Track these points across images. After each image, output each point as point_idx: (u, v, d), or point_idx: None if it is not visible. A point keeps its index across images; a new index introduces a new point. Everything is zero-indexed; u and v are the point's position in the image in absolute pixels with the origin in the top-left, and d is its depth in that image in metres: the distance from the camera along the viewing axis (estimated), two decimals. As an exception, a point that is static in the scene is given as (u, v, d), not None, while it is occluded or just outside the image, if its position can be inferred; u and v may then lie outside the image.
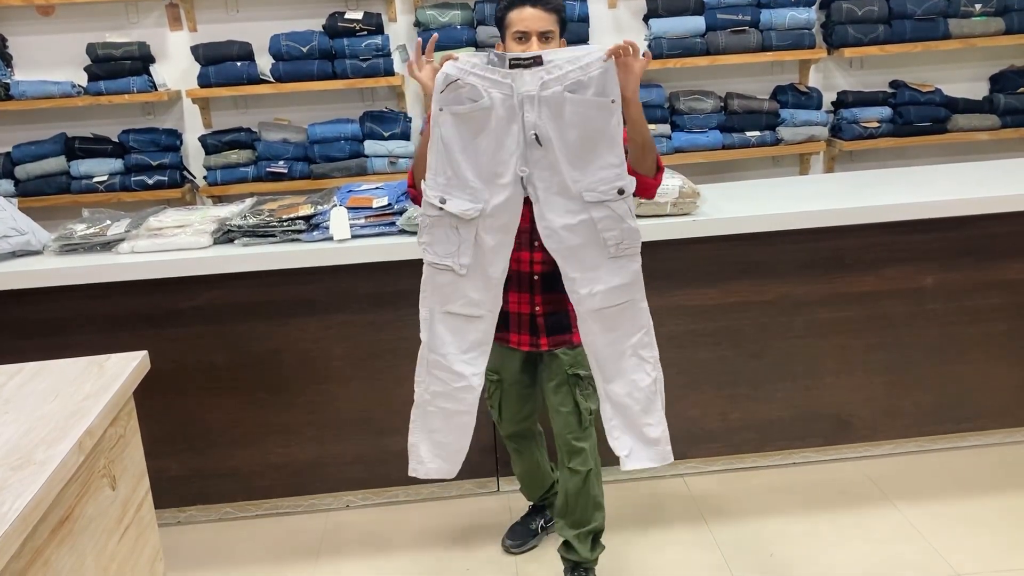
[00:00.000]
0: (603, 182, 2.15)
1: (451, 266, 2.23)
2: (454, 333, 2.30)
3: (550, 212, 2.18)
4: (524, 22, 2.25)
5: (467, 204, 2.17)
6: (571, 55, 2.11)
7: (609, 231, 2.17)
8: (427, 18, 4.38)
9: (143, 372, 1.94)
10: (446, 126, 2.15)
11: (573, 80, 2.09)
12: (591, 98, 2.10)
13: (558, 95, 2.10)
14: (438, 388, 2.31)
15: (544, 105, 2.10)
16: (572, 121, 2.11)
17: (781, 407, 3.20)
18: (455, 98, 2.13)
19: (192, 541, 3.03)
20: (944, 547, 2.74)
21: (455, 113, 2.13)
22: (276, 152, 4.47)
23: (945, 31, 4.54)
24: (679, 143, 4.56)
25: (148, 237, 2.86)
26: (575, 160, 2.14)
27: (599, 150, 2.14)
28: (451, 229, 2.20)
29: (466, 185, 2.16)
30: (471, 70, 2.11)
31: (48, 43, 4.46)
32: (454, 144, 2.15)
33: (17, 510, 1.33)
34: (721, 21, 4.46)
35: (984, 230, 3.08)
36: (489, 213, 2.18)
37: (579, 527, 2.55)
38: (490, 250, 2.21)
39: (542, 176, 2.16)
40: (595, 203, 2.16)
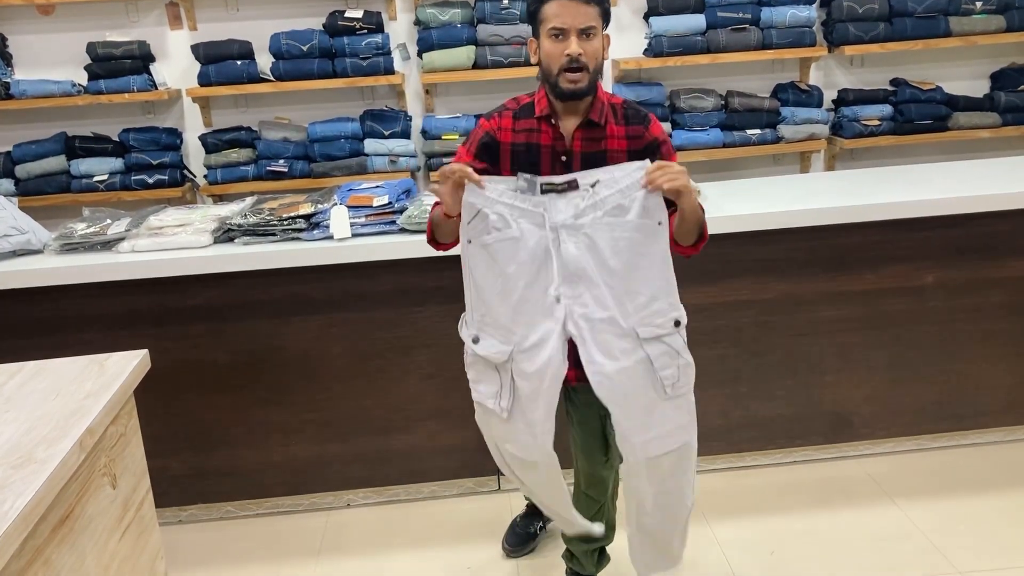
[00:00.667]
0: (658, 315, 1.94)
1: (493, 409, 2.03)
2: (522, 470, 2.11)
3: (599, 354, 1.95)
4: (561, 17, 1.98)
5: (497, 347, 1.98)
6: (609, 175, 1.91)
7: (666, 369, 1.97)
8: (427, 16, 4.38)
9: (143, 371, 1.94)
10: (474, 260, 1.96)
11: (614, 205, 1.89)
12: (636, 221, 1.90)
13: (598, 221, 1.89)
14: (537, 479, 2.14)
15: (583, 235, 1.90)
16: (616, 249, 1.90)
17: (782, 405, 3.20)
18: (482, 228, 1.93)
19: (193, 540, 3.03)
20: (945, 545, 2.74)
21: (484, 245, 1.93)
22: (276, 151, 4.47)
23: (946, 29, 4.54)
24: (680, 141, 4.55)
25: (148, 236, 2.87)
26: (623, 292, 1.92)
27: (649, 279, 1.93)
28: (491, 369, 2.02)
29: (498, 324, 1.97)
30: (498, 199, 1.91)
31: (48, 42, 4.47)
32: (484, 280, 1.96)
33: (18, 509, 1.33)
34: (722, 19, 4.46)
35: (985, 228, 3.07)
36: (522, 356, 1.97)
37: (589, 542, 2.49)
38: (526, 397, 1.99)
39: (586, 313, 1.94)
40: (650, 339, 1.95)
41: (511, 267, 1.93)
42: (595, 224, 1.90)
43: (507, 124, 2.11)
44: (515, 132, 2.10)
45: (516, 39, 4.38)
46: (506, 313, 1.96)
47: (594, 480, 2.39)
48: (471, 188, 1.91)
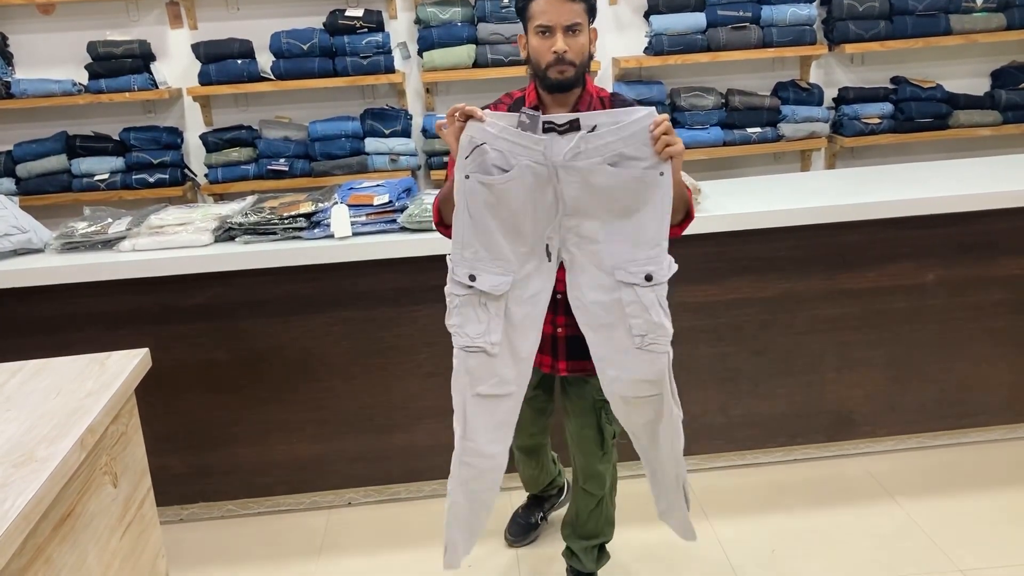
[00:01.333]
0: (633, 263, 1.98)
1: (483, 347, 2.05)
2: (484, 414, 2.13)
3: (581, 278, 2.03)
4: (547, 14, 2.01)
5: (497, 278, 2.02)
6: (612, 119, 1.91)
7: (635, 318, 2.01)
8: (427, 15, 4.38)
9: (144, 370, 1.94)
10: (472, 196, 1.97)
11: (615, 152, 1.91)
12: (639, 170, 1.92)
13: (597, 165, 1.92)
14: (469, 473, 2.17)
15: (579, 173, 1.93)
16: (610, 192, 1.94)
17: (782, 403, 3.20)
18: (482, 165, 1.94)
19: (194, 538, 3.03)
20: (946, 543, 2.74)
21: (482, 183, 1.95)
22: (277, 150, 4.47)
23: (946, 27, 4.54)
24: (680, 140, 4.55)
25: (149, 235, 2.87)
26: (612, 233, 1.98)
27: (639, 227, 1.97)
28: (480, 307, 2.04)
29: (496, 257, 2.01)
30: (499, 134, 1.93)
31: (49, 41, 4.47)
32: (482, 216, 1.98)
33: (19, 507, 1.33)
34: (722, 17, 4.46)
35: (986, 226, 3.07)
36: (519, 283, 2.03)
37: (587, 540, 2.53)
38: (519, 323, 2.06)
39: (579, 242, 2.00)
40: (624, 284, 2.00)
41: (513, 204, 1.96)
42: (594, 168, 1.92)
43: None
44: None
45: (516, 38, 4.38)
46: (505, 245, 2.00)
47: (591, 474, 2.43)
48: (473, 123, 1.93)
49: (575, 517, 2.53)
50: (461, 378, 2.10)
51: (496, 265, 2.01)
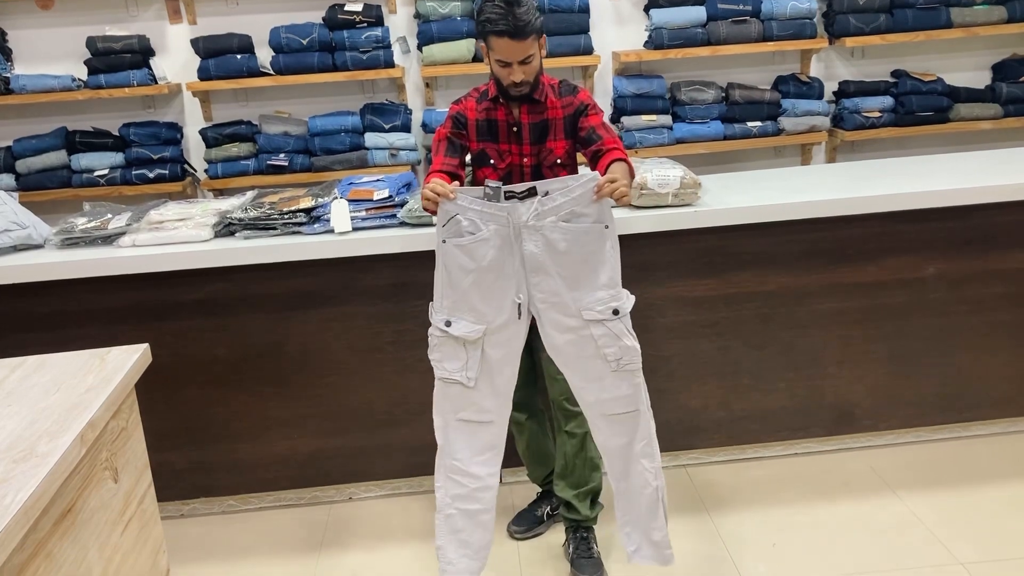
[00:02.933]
0: (599, 302, 2.28)
1: (460, 380, 2.34)
2: (468, 438, 2.40)
3: (552, 329, 2.32)
4: (504, 53, 2.34)
5: (470, 327, 2.30)
6: (564, 185, 2.22)
7: (608, 347, 2.30)
8: (427, 10, 4.37)
9: (144, 365, 1.94)
10: (449, 256, 2.28)
11: (567, 211, 2.22)
12: (587, 225, 2.24)
13: (554, 225, 2.23)
14: (457, 491, 2.42)
15: (541, 235, 2.24)
16: (568, 248, 2.25)
17: (783, 397, 3.20)
18: (456, 231, 2.26)
19: (195, 534, 3.03)
20: (947, 536, 2.75)
21: (457, 245, 2.26)
22: (277, 145, 4.46)
23: (947, 20, 4.53)
24: (680, 134, 4.55)
25: (149, 230, 2.86)
26: (572, 283, 2.28)
27: (595, 273, 2.28)
28: (458, 347, 2.33)
29: (470, 309, 2.30)
30: (469, 205, 2.23)
31: (48, 37, 4.46)
32: (457, 273, 2.28)
33: (20, 502, 1.33)
34: (722, 11, 4.44)
35: (986, 219, 3.07)
36: (493, 331, 2.31)
37: (578, 487, 2.69)
38: (496, 362, 2.34)
39: (543, 298, 2.30)
40: (593, 322, 2.29)
41: (483, 262, 2.26)
42: (552, 226, 2.23)
43: (471, 106, 2.52)
44: (478, 112, 2.50)
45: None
46: (478, 299, 2.29)
47: (570, 414, 2.61)
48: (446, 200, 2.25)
49: (564, 466, 2.69)
50: (443, 402, 2.39)
51: (470, 315, 2.31)
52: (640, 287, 2.46)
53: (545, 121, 2.47)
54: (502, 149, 2.49)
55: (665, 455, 3.19)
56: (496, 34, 2.32)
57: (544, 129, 2.47)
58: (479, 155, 2.51)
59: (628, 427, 2.38)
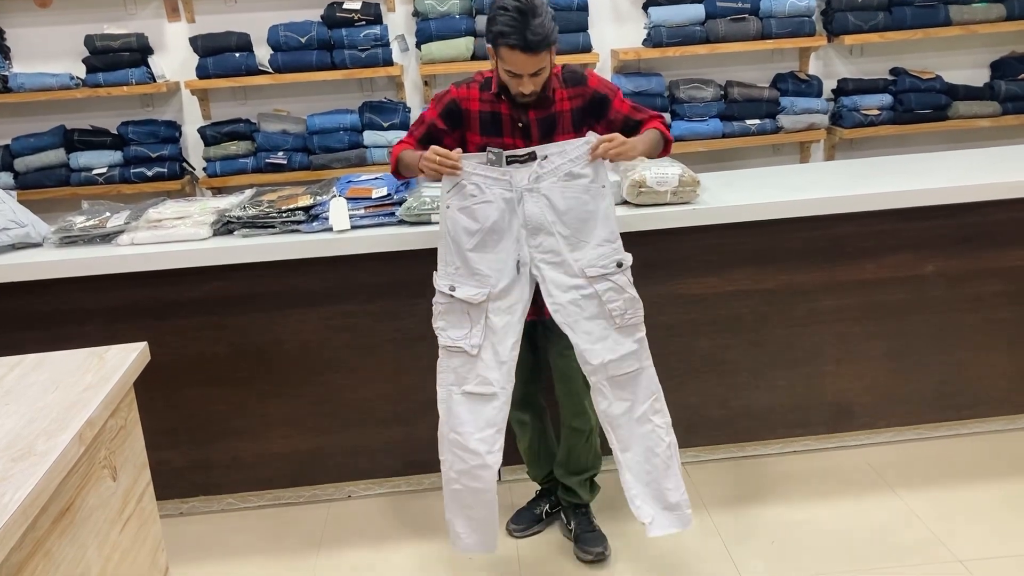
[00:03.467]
0: (602, 257, 2.36)
1: (464, 347, 2.39)
2: (471, 412, 2.42)
3: (555, 288, 2.37)
4: (516, 65, 2.29)
5: (474, 290, 2.36)
6: (561, 149, 2.33)
7: (613, 302, 2.37)
8: (425, 7, 4.36)
9: (143, 363, 1.94)
10: (452, 221, 2.36)
11: (565, 172, 2.32)
12: (584, 184, 2.33)
13: (553, 185, 2.32)
14: (460, 466, 2.44)
15: (541, 195, 2.32)
16: (568, 207, 2.33)
17: (782, 395, 3.20)
18: (460, 196, 2.34)
19: (194, 532, 3.03)
20: (945, 533, 2.75)
21: (461, 208, 2.34)
22: (275, 143, 4.46)
23: (945, 18, 4.53)
24: (679, 132, 4.54)
25: (148, 229, 2.86)
26: (574, 242, 2.35)
27: (595, 230, 2.35)
28: (463, 313, 2.38)
29: (473, 273, 2.36)
30: (473, 171, 2.32)
31: (46, 35, 4.46)
32: (461, 237, 2.35)
33: (18, 501, 1.33)
34: (721, 9, 4.44)
35: (985, 217, 3.07)
36: (497, 296, 2.37)
37: (580, 475, 2.74)
38: (500, 330, 2.38)
39: (545, 258, 2.36)
40: (597, 277, 2.36)
41: (487, 223, 2.33)
42: (551, 187, 2.32)
43: (475, 95, 2.45)
44: (481, 102, 2.44)
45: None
46: (482, 262, 2.36)
47: (578, 411, 2.63)
48: None
49: (567, 456, 2.72)
50: (447, 375, 2.44)
51: (474, 279, 2.37)
52: (639, 285, 2.45)
53: (552, 116, 2.43)
54: (507, 143, 2.44)
55: (664, 453, 3.20)
56: (508, 47, 2.25)
57: (552, 124, 2.44)
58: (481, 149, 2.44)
59: (630, 390, 2.42)
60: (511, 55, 2.26)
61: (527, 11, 2.21)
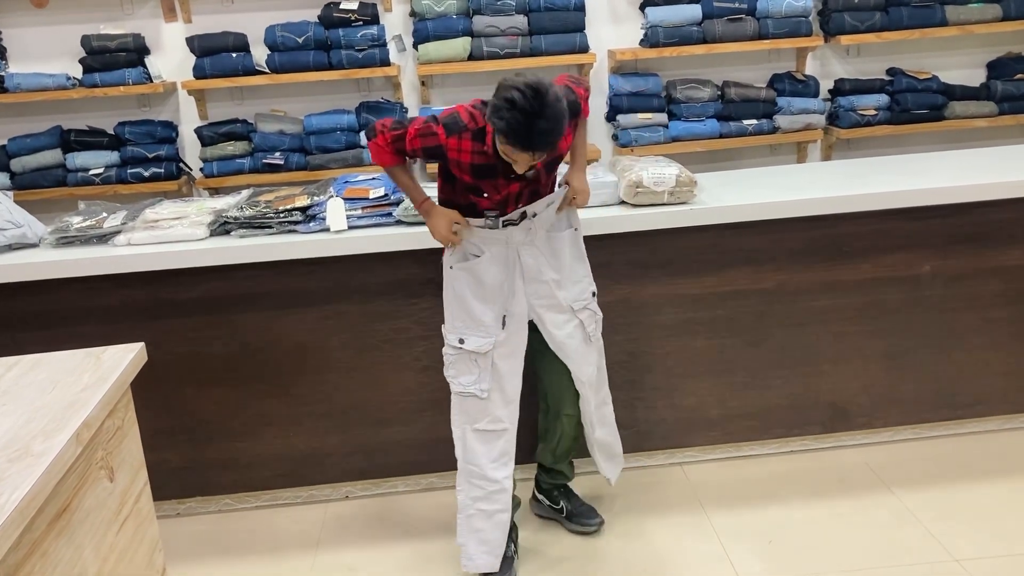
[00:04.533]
0: (582, 292, 2.64)
1: (474, 392, 2.56)
2: (484, 445, 2.60)
3: (553, 327, 2.60)
4: (518, 160, 2.26)
5: (481, 340, 2.53)
6: (548, 203, 2.51)
7: (590, 325, 2.66)
8: (422, 8, 4.36)
9: (140, 364, 1.93)
10: (457, 281, 2.54)
11: (550, 223, 2.54)
12: (564, 233, 2.58)
13: (543, 238, 2.54)
14: (477, 494, 2.62)
15: (535, 247, 2.52)
16: (556, 252, 2.57)
17: (779, 395, 3.21)
18: (462, 256, 2.52)
19: (191, 533, 3.03)
20: (942, 533, 2.75)
21: (464, 268, 2.51)
22: (272, 143, 4.46)
23: (942, 18, 4.54)
24: (676, 132, 4.55)
25: (144, 229, 2.86)
26: (563, 283, 2.59)
27: (575, 269, 2.62)
28: (471, 362, 2.55)
29: (479, 326, 2.53)
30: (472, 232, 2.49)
31: (43, 35, 4.45)
32: (465, 295, 2.53)
33: (15, 502, 1.33)
34: (718, 9, 4.45)
35: (981, 216, 3.07)
36: (501, 343, 2.54)
37: (567, 455, 2.91)
38: (505, 374, 2.57)
39: (541, 303, 2.57)
40: (580, 309, 2.63)
41: (489, 279, 2.52)
42: (542, 240, 2.54)
43: (467, 147, 2.36)
44: (474, 154, 2.37)
45: (512, 30, 4.38)
46: (485, 314, 2.53)
47: (575, 398, 2.77)
48: None
49: (558, 442, 2.85)
50: (460, 416, 2.61)
51: (480, 331, 2.54)
52: (636, 285, 2.47)
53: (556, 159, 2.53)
54: (499, 184, 2.41)
55: (661, 453, 3.22)
56: (510, 146, 2.20)
57: (554, 161, 2.52)
58: (472, 186, 2.43)
59: (597, 387, 2.77)
60: (512, 152, 2.22)
61: (534, 114, 2.10)
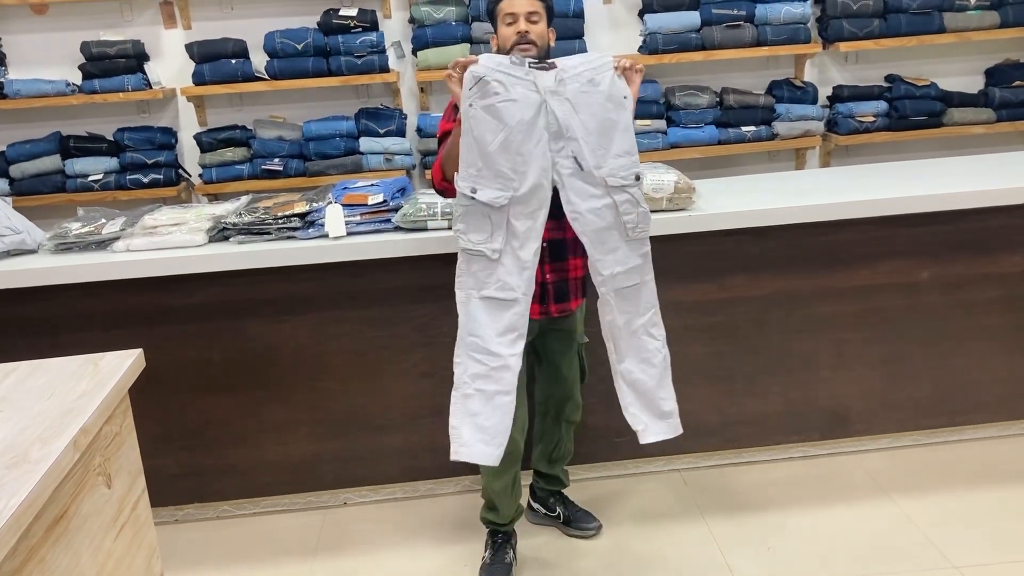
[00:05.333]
0: (623, 168, 2.36)
1: (484, 251, 2.35)
2: (490, 316, 2.37)
3: (576, 196, 2.35)
4: (512, 6, 2.45)
5: (496, 192, 2.31)
6: (582, 59, 2.34)
7: (628, 214, 2.38)
8: (421, 14, 4.37)
9: (138, 370, 1.93)
10: (475, 121, 2.29)
11: (588, 79, 2.32)
12: (607, 91, 2.33)
13: (577, 91, 2.31)
14: (477, 370, 2.38)
15: (566, 98, 2.30)
16: (592, 112, 2.32)
17: (777, 401, 3.21)
18: (483, 94, 2.28)
19: (189, 539, 3.03)
20: (940, 540, 2.75)
21: (484, 107, 2.28)
22: (271, 149, 4.46)
23: (940, 25, 4.54)
24: (675, 138, 4.56)
25: (143, 235, 2.86)
26: (596, 148, 2.33)
27: (616, 140, 2.35)
28: (484, 217, 2.33)
29: (496, 175, 2.31)
30: (496, 68, 2.29)
31: (42, 41, 4.46)
32: (484, 137, 2.29)
33: (11, 508, 1.33)
34: (716, 16, 4.46)
35: (979, 223, 3.08)
36: (518, 200, 2.32)
37: (563, 461, 2.89)
38: (522, 234, 2.34)
39: (566, 164, 2.33)
40: (616, 187, 2.36)
41: (512, 121, 2.28)
42: (575, 92, 2.31)
43: None
44: None
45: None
46: (505, 163, 2.30)
47: (576, 405, 2.76)
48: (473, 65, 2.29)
49: (554, 448, 2.84)
50: (466, 278, 2.39)
51: (496, 182, 2.31)
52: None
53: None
54: None
55: (659, 459, 3.21)
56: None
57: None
58: None
59: (633, 302, 2.46)
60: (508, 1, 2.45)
61: None
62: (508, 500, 2.70)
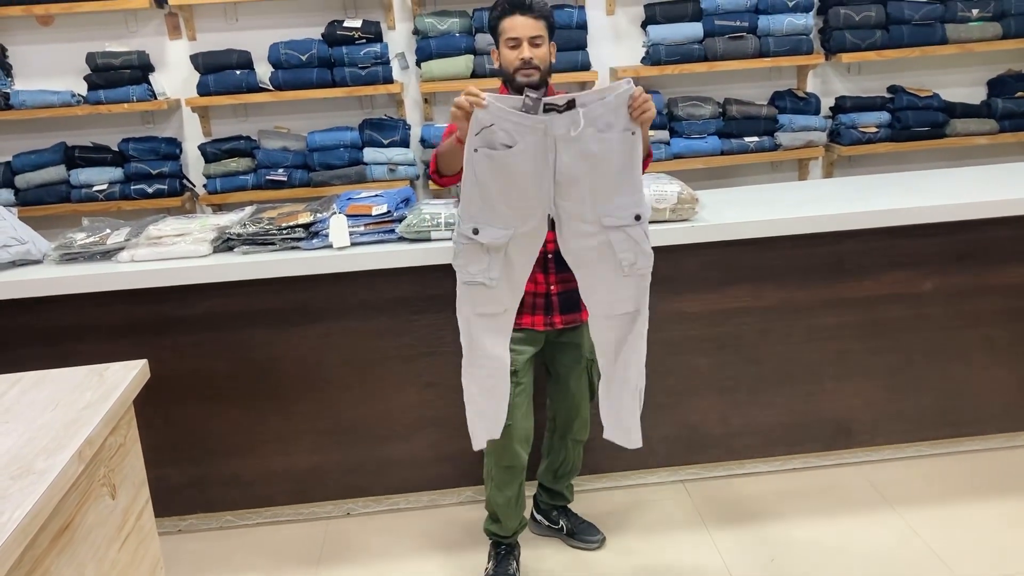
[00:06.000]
0: (621, 208, 2.33)
1: (483, 282, 2.39)
2: (487, 328, 2.45)
3: (569, 234, 2.36)
4: (515, 29, 2.46)
5: (498, 232, 2.33)
6: (599, 96, 2.24)
7: (624, 252, 2.36)
8: (425, 26, 4.39)
9: (143, 381, 1.94)
10: (480, 166, 2.28)
11: (605, 123, 2.25)
12: (618, 134, 2.27)
13: (590, 137, 2.25)
14: (481, 374, 2.47)
15: (576, 144, 2.25)
16: (601, 156, 2.28)
17: (781, 412, 3.20)
18: (489, 142, 2.26)
19: (193, 549, 3.02)
20: (945, 551, 2.74)
21: (489, 155, 2.27)
22: (275, 160, 4.47)
23: (942, 36, 4.55)
24: (677, 149, 4.56)
25: (148, 246, 2.87)
26: (600, 193, 2.31)
27: (622, 181, 2.31)
28: (482, 252, 2.36)
29: (497, 216, 2.32)
30: (506, 116, 2.23)
31: (48, 52, 4.48)
32: (488, 182, 2.29)
33: (17, 520, 1.33)
34: (719, 27, 4.47)
35: (983, 234, 3.08)
36: (517, 237, 2.35)
37: (569, 477, 2.89)
38: (517, 264, 2.39)
39: (566, 207, 2.33)
40: (613, 227, 2.34)
41: (515, 173, 2.27)
42: (588, 139, 2.25)
43: None
44: None
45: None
46: (507, 206, 2.31)
47: (583, 422, 2.77)
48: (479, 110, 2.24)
49: (561, 464, 2.84)
50: (465, 303, 2.43)
51: (498, 221, 2.32)
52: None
53: None
54: None
55: (663, 470, 3.21)
56: (508, 15, 2.44)
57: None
58: None
59: (625, 326, 2.45)
60: (511, 21, 2.46)
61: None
62: (512, 513, 2.73)
